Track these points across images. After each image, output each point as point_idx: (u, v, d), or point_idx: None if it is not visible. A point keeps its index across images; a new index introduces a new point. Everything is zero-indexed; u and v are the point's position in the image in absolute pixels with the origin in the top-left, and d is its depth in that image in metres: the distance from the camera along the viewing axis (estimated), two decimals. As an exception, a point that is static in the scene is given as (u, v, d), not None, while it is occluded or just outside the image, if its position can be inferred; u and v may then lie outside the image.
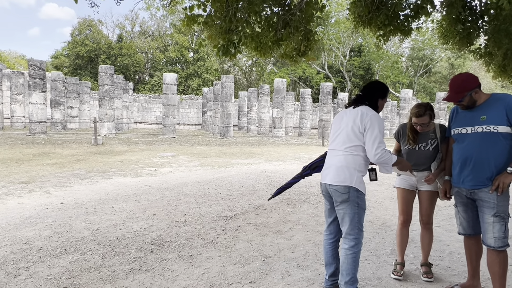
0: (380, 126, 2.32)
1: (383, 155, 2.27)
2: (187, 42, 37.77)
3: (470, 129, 2.40)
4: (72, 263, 2.95)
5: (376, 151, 2.26)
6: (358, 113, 2.38)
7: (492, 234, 2.29)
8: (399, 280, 2.81)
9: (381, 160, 2.29)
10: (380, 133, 2.30)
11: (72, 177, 6.79)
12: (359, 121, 2.35)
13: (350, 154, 2.36)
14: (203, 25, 3.86)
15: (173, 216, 4.40)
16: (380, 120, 2.36)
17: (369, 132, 2.30)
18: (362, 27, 4.02)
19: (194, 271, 2.89)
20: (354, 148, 2.36)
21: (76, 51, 33.71)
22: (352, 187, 2.31)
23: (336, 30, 34.37)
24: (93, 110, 25.66)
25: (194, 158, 10.45)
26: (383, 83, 2.58)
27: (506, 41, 3.84)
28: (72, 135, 16.51)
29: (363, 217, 2.40)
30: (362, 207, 2.38)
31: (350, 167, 2.34)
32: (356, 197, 2.33)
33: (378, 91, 2.52)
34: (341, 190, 2.33)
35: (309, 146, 16.29)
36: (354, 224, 2.35)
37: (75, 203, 4.86)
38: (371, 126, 2.31)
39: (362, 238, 2.41)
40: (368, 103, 2.45)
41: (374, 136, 2.28)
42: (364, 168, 2.40)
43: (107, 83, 16.82)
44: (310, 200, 5.43)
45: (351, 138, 2.37)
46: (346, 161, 2.36)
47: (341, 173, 2.35)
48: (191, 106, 31.21)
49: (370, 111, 2.38)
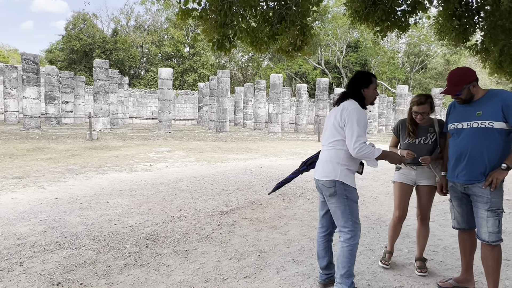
0: (359, 119, 2.29)
1: (362, 149, 2.25)
2: (183, 37, 37.49)
3: (465, 124, 2.41)
4: (66, 259, 2.93)
5: (355, 145, 2.25)
6: (340, 108, 2.41)
7: (486, 228, 2.31)
8: (393, 275, 2.83)
9: (361, 154, 2.27)
10: (359, 126, 2.28)
11: (66, 172, 6.74)
12: (339, 116, 2.37)
13: (333, 149, 2.40)
14: (197, 19, 3.82)
15: (168, 211, 4.39)
16: (360, 113, 2.33)
17: (348, 126, 2.30)
18: (359, 22, 4.00)
19: (189, 266, 2.89)
20: (336, 143, 2.38)
21: (70, 45, 33.33)
22: (337, 180, 2.33)
23: (333, 26, 34.31)
24: (88, 105, 25.46)
25: (189, 153, 10.42)
26: (364, 71, 2.53)
27: (502, 37, 3.84)
28: (66, 130, 16.38)
29: (356, 209, 2.39)
30: (352, 199, 2.37)
31: (333, 162, 2.37)
32: (343, 190, 2.34)
33: (359, 81, 2.47)
34: (327, 185, 2.37)
35: (305, 142, 16.31)
36: (347, 216, 2.35)
37: (70, 198, 4.83)
38: (349, 120, 2.30)
39: (359, 231, 2.39)
40: (354, 97, 2.43)
41: (352, 130, 2.27)
42: (350, 162, 2.38)
43: (102, 78, 16.67)
44: (305, 195, 5.44)
45: (333, 133, 2.41)
46: (330, 155, 2.41)
47: (326, 167, 2.40)
48: (187, 101, 31.07)
49: (351, 105, 2.36)
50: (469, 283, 2.63)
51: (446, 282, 2.66)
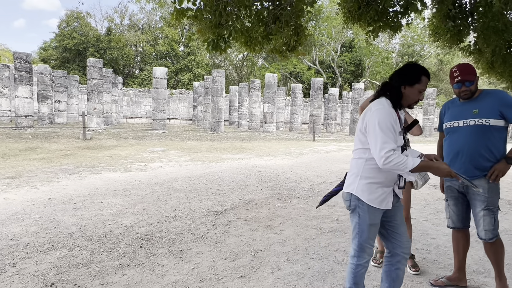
0: (382, 122, 1.87)
1: (390, 159, 1.81)
2: (178, 36, 37.35)
3: (462, 122, 2.45)
4: (60, 259, 2.91)
5: (380, 153, 1.83)
6: (366, 109, 2.04)
7: (482, 227, 2.38)
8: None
9: (389, 166, 1.83)
10: (383, 130, 1.86)
11: (60, 172, 6.69)
12: (362, 119, 2.02)
13: (354, 158, 2.10)
14: (192, 19, 3.81)
15: (163, 211, 4.37)
16: (384, 115, 1.90)
17: (370, 131, 1.92)
18: (352, 22, 4.03)
19: (184, 266, 2.88)
20: (357, 152, 2.06)
21: (63, 43, 33.01)
22: (353, 194, 2.02)
23: (327, 25, 34.41)
24: (82, 104, 25.25)
25: (184, 153, 10.39)
26: (416, 64, 2.04)
27: (495, 38, 3.90)
28: (60, 130, 16.24)
29: (367, 231, 2.00)
30: (365, 220, 1.99)
31: (353, 173, 2.06)
32: (357, 206, 2.01)
33: (403, 75, 2.01)
34: (344, 196, 2.11)
35: (300, 141, 16.35)
36: (355, 234, 2.05)
37: (63, 199, 4.79)
38: (371, 123, 1.92)
39: (365, 255, 2.04)
40: (390, 94, 2.02)
41: (375, 136, 1.87)
42: (376, 173, 1.97)
43: (95, 77, 16.55)
44: (300, 195, 5.46)
45: (356, 140, 2.09)
46: (351, 166, 2.12)
47: (348, 178, 2.12)
48: (181, 100, 30.97)
49: (377, 105, 1.96)
50: (461, 281, 2.67)
51: (438, 280, 2.70)
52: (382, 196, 1.98)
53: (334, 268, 2.92)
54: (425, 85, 2.01)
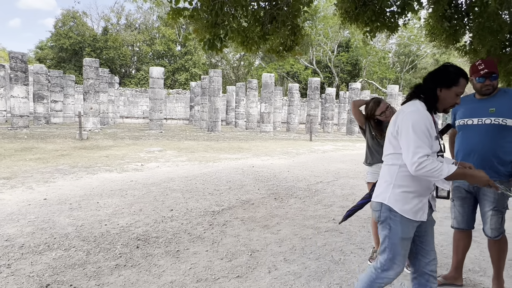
0: (416, 124, 1.72)
1: (423, 166, 1.65)
2: (175, 35, 37.26)
3: (477, 120, 2.39)
4: (56, 260, 2.90)
5: (413, 159, 1.67)
6: (398, 111, 1.89)
7: (489, 225, 2.40)
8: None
9: (422, 173, 1.67)
10: (416, 134, 1.70)
11: (55, 172, 6.65)
12: (393, 122, 1.86)
13: (386, 165, 1.92)
14: (189, 18, 3.80)
15: (159, 211, 4.36)
16: (419, 117, 1.75)
17: (403, 134, 1.76)
18: (349, 23, 4.04)
19: (180, 266, 2.88)
20: (389, 157, 1.89)
21: (60, 43, 32.84)
22: (384, 204, 1.85)
23: (324, 25, 34.47)
24: (78, 104, 25.13)
25: (181, 153, 10.37)
26: (455, 66, 1.87)
27: (490, 38, 3.92)
28: (56, 130, 16.16)
29: (398, 245, 1.83)
30: (396, 233, 1.81)
31: (385, 181, 1.89)
32: (387, 218, 1.84)
33: (439, 76, 1.85)
34: (374, 206, 1.94)
35: (297, 141, 16.37)
36: (384, 248, 1.87)
37: (59, 199, 4.77)
38: (403, 126, 1.76)
39: (392, 272, 1.86)
40: (424, 96, 1.86)
41: (408, 140, 1.72)
42: (410, 182, 1.80)
43: (92, 77, 16.48)
44: (297, 195, 5.47)
45: (387, 145, 1.91)
46: (382, 173, 1.94)
47: (377, 187, 1.96)
48: (178, 100, 30.90)
49: (410, 107, 1.81)
50: (457, 280, 2.68)
51: (435, 279, 2.70)
52: (417, 207, 1.81)
53: (331, 267, 2.92)
54: (463, 88, 1.84)
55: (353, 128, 22.21)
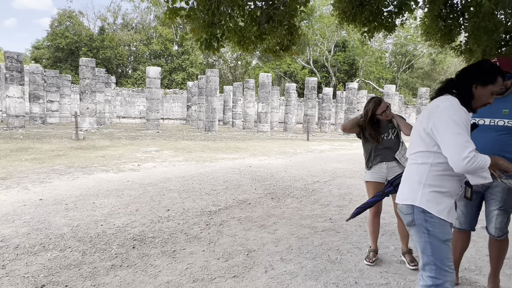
0: (459, 119, 1.61)
1: (474, 160, 1.55)
2: (172, 35, 37.17)
3: (488, 121, 2.34)
4: (51, 261, 2.88)
5: (463, 153, 1.55)
6: (429, 106, 1.77)
7: (494, 224, 2.40)
8: (379, 272, 2.87)
9: (473, 167, 1.56)
10: (461, 128, 1.60)
11: (51, 172, 6.61)
12: (426, 117, 1.73)
13: (414, 163, 1.79)
14: (185, 18, 3.79)
15: (156, 211, 4.35)
16: (460, 112, 1.64)
17: (443, 130, 1.63)
18: (346, 23, 4.04)
19: (177, 266, 2.87)
20: (418, 155, 1.76)
21: (56, 43, 32.67)
22: (416, 206, 1.72)
23: (321, 25, 34.52)
24: (74, 104, 25.01)
25: (178, 153, 10.34)
26: (489, 61, 1.81)
27: (485, 38, 3.94)
28: (52, 130, 16.08)
29: (442, 250, 1.70)
30: (436, 235, 1.69)
31: (413, 180, 1.76)
32: (423, 221, 1.70)
33: (475, 73, 1.76)
34: (404, 210, 1.80)
35: (294, 141, 16.38)
36: (427, 257, 1.72)
37: (55, 199, 4.74)
38: (443, 121, 1.63)
39: (446, 282, 1.69)
40: (457, 92, 1.76)
41: (453, 135, 1.60)
42: (441, 181, 1.71)
43: (88, 77, 16.41)
44: (294, 194, 5.47)
45: (416, 142, 1.79)
46: (409, 172, 1.81)
47: (404, 188, 1.83)
48: (175, 100, 30.83)
49: (445, 102, 1.70)
50: (453, 279, 2.68)
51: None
52: (448, 207, 1.71)
53: (328, 267, 2.92)
54: (499, 87, 1.77)
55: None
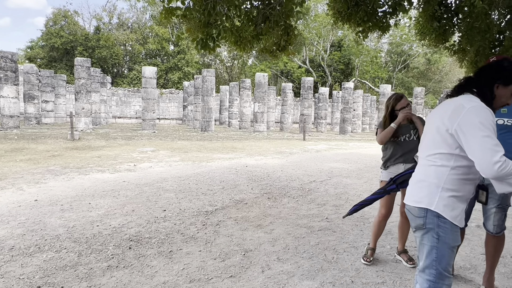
0: (487, 121, 1.52)
1: (505, 165, 1.45)
2: (168, 34, 37.06)
3: None
4: (46, 262, 2.86)
5: (494, 158, 1.46)
6: (450, 105, 1.65)
7: (492, 222, 2.48)
8: (376, 271, 2.88)
9: (504, 173, 1.45)
10: (490, 131, 1.50)
11: (47, 173, 6.57)
12: (448, 117, 1.62)
13: (433, 165, 1.68)
14: (181, 18, 3.79)
15: (152, 212, 4.34)
16: (486, 113, 1.54)
17: (469, 133, 1.53)
18: (341, 23, 4.06)
19: (173, 266, 2.86)
20: (438, 157, 1.66)
21: (51, 42, 32.45)
22: (430, 210, 1.65)
23: (317, 24, 34.60)
24: (69, 104, 24.86)
25: (174, 153, 10.32)
26: (510, 60, 1.73)
27: (478, 38, 3.97)
28: (47, 130, 15.97)
29: (447, 255, 1.66)
30: (446, 241, 1.64)
31: (431, 183, 1.67)
32: (435, 226, 1.64)
33: (498, 72, 1.69)
34: (415, 213, 1.71)
35: (290, 141, 16.40)
36: (431, 261, 1.67)
37: (50, 200, 4.71)
38: (470, 122, 1.54)
39: (443, 285, 1.68)
40: (477, 90, 1.68)
41: (480, 139, 1.50)
42: (459, 185, 1.64)
43: (83, 77, 16.32)
44: (290, 194, 5.48)
45: (436, 142, 1.68)
46: (426, 174, 1.70)
47: (418, 190, 1.73)
48: (171, 100, 30.75)
49: (470, 102, 1.59)
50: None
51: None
52: (462, 213, 1.68)
53: (324, 266, 2.93)
54: None
55: (346, 128, 22.33)
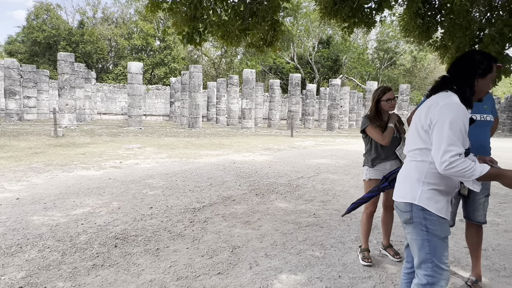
0: (454, 120, 1.58)
1: (453, 165, 1.54)
2: (153, 30, 36.52)
3: (479, 116, 2.60)
4: (29, 262, 2.79)
5: (443, 157, 1.55)
6: (428, 103, 1.73)
7: (482, 211, 2.58)
8: (362, 265, 2.91)
9: (452, 172, 1.55)
10: (452, 130, 1.57)
11: (29, 171, 6.41)
12: (425, 114, 1.70)
13: (413, 160, 1.76)
14: (167, 11, 3.72)
15: (138, 209, 4.28)
16: (458, 112, 1.61)
17: (436, 129, 1.62)
18: (328, 18, 4.06)
19: (160, 264, 2.83)
20: (417, 153, 1.73)
21: (32, 36, 31.54)
22: (414, 204, 1.70)
23: (306, 21, 34.68)
24: (53, 100, 24.27)
25: (161, 149, 10.21)
26: (483, 52, 1.79)
27: (460, 35, 4.04)
28: (29, 127, 15.57)
29: (441, 247, 1.69)
30: (435, 233, 1.68)
31: (412, 178, 1.73)
32: (422, 219, 1.69)
33: (471, 65, 1.74)
34: (401, 208, 1.78)
35: (278, 137, 16.43)
36: (425, 255, 1.70)
37: (33, 198, 4.60)
38: (439, 120, 1.61)
39: (442, 280, 1.69)
40: (457, 87, 1.73)
41: (441, 136, 1.59)
42: (440, 179, 1.68)
43: (67, 72, 15.94)
44: (278, 190, 5.49)
45: (415, 139, 1.76)
46: (408, 169, 1.78)
47: (402, 185, 1.80)
48: (158, 96, 30.39)
49: (444, 99, 1.66)
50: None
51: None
52: (446, 205, 1.72)
53: (312, 261, 2.95)
54: (495, 72, 1.80)
55: (333, 124, 22.51)
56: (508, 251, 3.33)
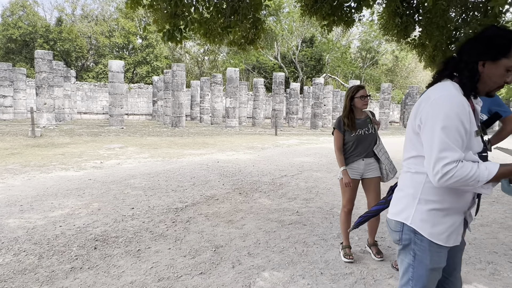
0: (447, 118, 1.23)
1: (449, 176, 1.21)
2: (135, 28, 35.87)
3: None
4: (3, 266, 2.69)
5: (435, 167, 1.23)
6: (419, 99, 1.39)
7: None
8: (344, 262, 2.94)
9: (450, 184, 1.23)
10: (446, 131, 1.22)
11: (4, 172, 6.19)
12: (414, 113, 1.37)
13: (408, 172, 1.43)
14: (148, 8, 3.66)
15: (119, 210, 4.20)
16: (452, 106, 1.24)
17: (425, 132, 1.29)
18: (308, 16, 4.08)
19: (141, 265, 2.78)
20: (412, 161, 1.40)
21: (8, 33, 30.45)
22: (406, 225, 1.39)
23: (289, 20, 34.82)
24: (30, 99, 23.54)
25: (143, 149, 10.05)
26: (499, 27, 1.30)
27: (437, 33, 4.14)
28: (5, 127, 15.05)
29: (426, 278, 1.40)
30: (422, 261, 1.38)
31: (407, 194, 1.41)
32: (411, 242, 1.39)
33: (480, 45, 1.29)
34: (392, 226, 1.47)
35: (262, 136, 16.45)
36: (407, 280, 1.44)
37: (8, 201, 4.44)
38: (428, 120, 1.27)
39: None
40: (459, 74, 1.34)
41: (432, 139, 1.25)
42: (440, 195, 1.34)
43: (45, 70, 15.48)
44: (262, 189, 5.49)
45: (407, 145, 1.43)
46: (403, 182, 1.46)
47: (396, 200, 1.49)
48: (140, 95, 29.90)
49: (439, 91, 1.29)
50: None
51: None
52: (451, 229, 1.36)
53: (294, 259, 2.96)
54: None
55: (317, 122, 22.70)
56: (484, 244, 3.44)
